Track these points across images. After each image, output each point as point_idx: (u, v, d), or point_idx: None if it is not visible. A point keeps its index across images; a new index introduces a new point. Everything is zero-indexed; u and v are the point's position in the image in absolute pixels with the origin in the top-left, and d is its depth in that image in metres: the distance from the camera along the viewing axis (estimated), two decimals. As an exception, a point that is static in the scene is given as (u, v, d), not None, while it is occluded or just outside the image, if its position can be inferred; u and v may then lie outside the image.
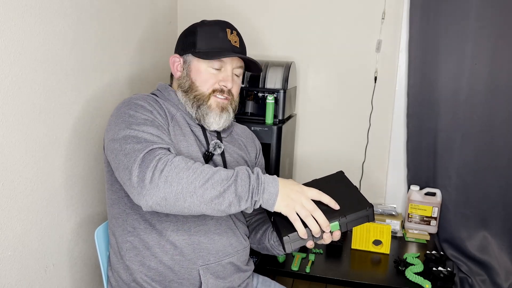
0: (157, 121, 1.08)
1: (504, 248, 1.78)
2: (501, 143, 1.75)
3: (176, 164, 0.94)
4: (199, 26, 1.20)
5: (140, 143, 0.99)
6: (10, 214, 1.12)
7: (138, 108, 1.08)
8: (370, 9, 1.92)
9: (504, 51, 1.69)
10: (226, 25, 1.21)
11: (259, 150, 1.40)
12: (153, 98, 1.15)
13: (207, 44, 1.18)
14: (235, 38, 1.21)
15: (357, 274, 1.57)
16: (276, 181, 0.97)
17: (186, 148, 1.13)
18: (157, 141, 1.00)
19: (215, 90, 1.18)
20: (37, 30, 1.16)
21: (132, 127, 1.03)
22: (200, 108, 1.17)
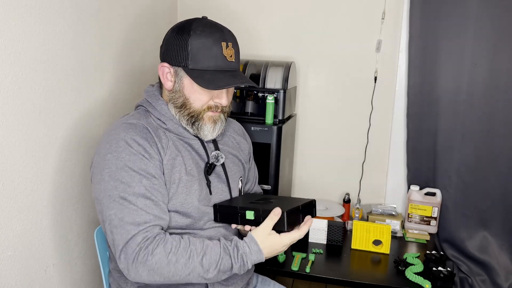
0: (149, 176, 1.03)
1: (504, 248, 1.78)
2: (501, 143, 1.75)
3: (156, 260, 0.97)
4: (191, 37, 1.07)
5: (123, 226, 0.98)
6: (10, 214, 1.12)
7: (131, 165, 1.02)
8: (370, 9, 1.92)
9: (504, 51, 1.69)
10: (221, 36, 1.09)
11: (251, 147, 1.38)
12: (144, 137, 1.06)
13: (201, 61, 1.07)
14: (230, 51, 1.10)
15: (357, 274, 1.57)
16: (260, 254, 1.05)
17: (185, 174, 1.10)
18: (141, 223, 0.99)
19: (210, 106, 1.13)
20: (37, 30, 1.16)
21: (124, 196, 1.00)
22: (195, 124, 1.13)
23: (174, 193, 1.08)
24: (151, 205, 1.01)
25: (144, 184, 1.02)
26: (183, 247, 1.00)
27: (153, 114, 1.14)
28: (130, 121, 1.09)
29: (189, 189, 1.10)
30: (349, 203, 2.02)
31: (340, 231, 1.75)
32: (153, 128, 1.10)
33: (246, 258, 1.04)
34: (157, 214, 1.02)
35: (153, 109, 1.14)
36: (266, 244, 1.06)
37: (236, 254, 1.03)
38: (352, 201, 2.05)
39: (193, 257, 1.00)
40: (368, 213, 1.92)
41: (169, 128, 1.12)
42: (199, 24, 1.09)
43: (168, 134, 1.12)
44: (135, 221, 0.99)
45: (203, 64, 1.07)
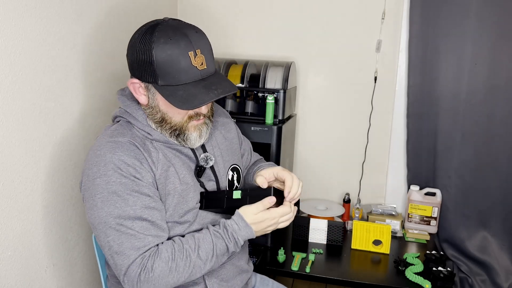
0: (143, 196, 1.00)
1: (504, 248, 1.78)
2: (501, 143, 1.75)
3: (157, 273, 0.98)
4: (154, 49, 0.97)
5: (123, 252, 0.97)
6: (10, 214, 1.12)
7: (123, 188, 0.98)
8: (370, 9, 1.92)
9: (504, 51, 1.69)
10: (187, 45, 0.98)
11: (235, 125, 1.34)
12: (133, 155, 1.01)
13: (170, 77, 0.99)
14: (200, 59, 1.00)
15: (357, 274, 1.57)
16: (249, 228, 1.07)
17: (179, 184, 1.07)
18: (141, 247, 0.98)
19: (191, 116, 1.06)
20: (37, 30, 1.16)
21: (119, 222, 0.98)
22: (180, 136, 1.07)
23: (170, 205, 1.06)
24: (148, 226, 1.00)
25: (139, 206, 0.99)
26: (178, 250, 1.00)
27: (135, 125, 1.08)
28: (116, 138, 1.02)
29: (185, 198, 1.08)
30: (349, 203, 2.02)
31: (340, 231, 1.75)
32: (140, 142, 1.04)
33: (236, 235, 1.05)
34: (155, 233, 1.01)
35: (134, 120, 1.08)
36: (254, 219, 1.06)
37: (227, 234, 1.05)
38: (352, 201, 2.05)
39: (190, 255, 1.01)
40: (368, 213, 1.92)
41: (155, 138, 1.07)
42: (161, 32, 0.98)
43: (156, 144, 1.07)
44: (134, 246, 0.97)
45: (174, 80, 0.99)
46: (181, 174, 1.08)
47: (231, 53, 2.05)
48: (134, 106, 1.09)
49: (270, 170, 1.19)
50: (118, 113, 1.12)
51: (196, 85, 1.00)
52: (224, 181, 1.21)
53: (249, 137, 1.67)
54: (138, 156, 1.01)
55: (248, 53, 2.04)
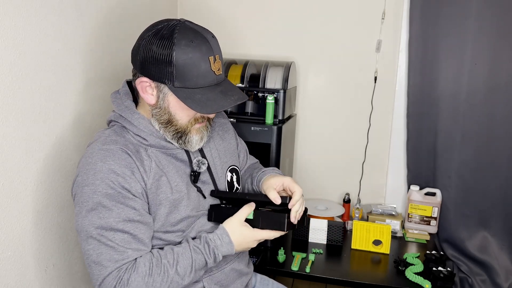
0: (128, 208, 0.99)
1: (504, 248, 1.78)
2: (501, 143, 1.75)
3: (134, 286, 0.96)
4: (176, 52, 0.97)
5: (100, 262, 0.97)
6: (10, 214, 1.12)
7: (109, 199, 0.97)
8: (370, 9, 1.92)
9: (504, 51, 1.69)
10: (208, 49, 1.00)
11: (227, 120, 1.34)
12: (124, 164, 0.99)
13: (188, 79, 0.99)
14: (218, 65, 1.02)
15: (357, 274, 1.57)
16: (231, 245, 1.07)
17: (171, 193, 1.06)
18: (119, 259, 0.97)
19: (196, 119, 1.07)
20: (37, 30, 1.16)
21: (100, 232, 0.97)
22: (181, 139, 1.07)
23: (162, 215, 1.04)
24: (129, 240, 0.98)
25: (122, 218, 0.97)
26: (156, 265, 0.99)
27: (131, 130, 1.06)
28: (108, 146, 1.01)
29: (177, 207, 1.06)
30: (349, 203, 2.02)
31: (340, 231, 1.75)
32: (133, 149, 1.03)
33: (217, 251, 1.04)
34: (136, 247, 0.99)
35: (130, 125, 1.06)
36: (237, 236, 1.07)
37: (208, 250, 1.04)
38: (352, 201, 2.05)
39: (168, 271, 0.99)
40: (368, 213, 1.92)
41: (150, 143, 1.06)
42: (182, 34, 0.98)
43: (150, 150, 1.05)
44: (112, 258, 0.96)
45: (191, 83, 0.99)
46: (174, 183, 1.07)
47: (231, 53, 2.05)
48: (130, 109, 1.07)
49: (280, 180, 1.17)
50: (113, 118, 1.09)
51: (213, 90, 1.01)
52: (223, 183, 1.20)
53: (249, 137, 1.68)
54: (130, 165, 1.00)
55: (248, 53, 2.04)
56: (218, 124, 1.26)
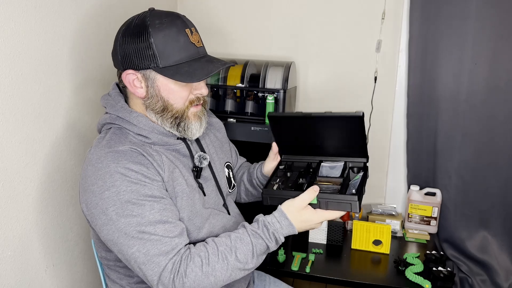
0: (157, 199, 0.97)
1: (504, 248, 1.78)
2: (501, 143, 1.75)
3: (192, 279, 0.93)
4: (153, 33, 0.97)
5: (151, 260, 0.92)
6: (10, 214, 1.12)
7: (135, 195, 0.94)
8: (370, 9, 1.92)
9: (504, 51, 1.69)
10: (182, 23, 1.00)
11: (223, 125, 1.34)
12: (138, 161, 0.97)
13: (171, 56, 0.98)
14: (196, 37, 1.03)
15: (357, 274, 1.57)
16: (292, 227, 1.03)
17: (186, 186, 1.05)
18: (169, 250, 0.94)
19: (192, 101, 1.06)
20: (37, 30, 1.16)
21: (141, 229, 0.93)
22: (180, 125, 1.05)
23: (180, 207, 1.03)
24: (171, 228, 0.96)
25: (157, 209, 0.95)
26: (212, 253, 0.96)
27: (131, 131, 1.03)
28: (115, 148, 0.98)
29: (193, 200, 1.05)
30: (349, 203, 2.02)
31: (340, 231, 1.75)
32: (141, 147, 1.00)
33: (277, 234, 1.01)
34: (179, 233, 0.97)
35: (129, 125, 1.03)
36: (298, 218, 1.02)
37: (268, 234, 1.00)
38: (352, 201, 2.05)
39: (227, 258, 0.96)
40: (368, 213, 1.92)
41: (153, 141, 1.04)
42: (153, 17, 1.00)
43: (156, 148, 1.04)
44: (162, 251, 0.93)
45: (175, 58, 0.99)
46: (185, 176, 1.06)
47: (231, 53, 2.05)
48: (126, 109, 1.05)
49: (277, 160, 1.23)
50: (108, 120, 1.06)
51: (198, 60, 1.01)
52: (222, 178, 1.20)
53: (249, 137, 1.68)
54: (143, 162, 0.97)
55: (248, 53, 2.04)
56: (210, 123, 1.26)
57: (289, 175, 1.18)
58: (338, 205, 1.02)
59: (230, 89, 1.80)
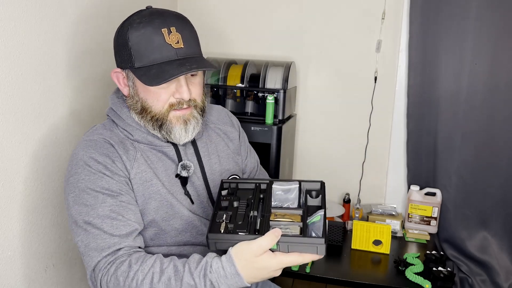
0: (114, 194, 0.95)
1: (504, 248, 1.78)
2: (501, 143, 1.75)
3: (113, 284, 0.89)
4: (129, 31, 0.96)
5: (88, 253, 0.92)
6: (10, 214, 1.12)
7: (92, 185, 0.94)
8: (370, 9, 1.92)
9: (504, 51, 1.69)
10: (161, 23, 0.95)
11: (239, 129, 1.25)
12: (105, 153, 0.97)
13: (145, 56, 0.95)
14: (175, 37, 0.95)
15: (357, 274, 1.57)
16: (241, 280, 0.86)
17: (162, 187, 1.01)
18: (104, 248, 0.91)
19: (172, 104, 0.99)
20: (37, 30, 1.16)
21: (88, 220, 0.93)
22: (162, 128, 1.00)
23: (152, 209, 1.00)
24: (119, 226, 0.93)
25: (108, 204, 0.93)
26: (142, 270, 0.88)
27: (119, 125, 1.04)
28: (91, 137, 1.00)
29: (170, 202, 1.02)
30: (349, 203, 2.02)
31: (340, 231, 1.75)
32: (118, 140, 1.00)
33: (218, 284, 0.85)
34: (127, 233, 0.94)
35: (118, 119, 1.04)
36: (252, 265, 0.85)
37: (204, 282, 0.85)
38: (352, 201, 2.05)
39: (153, 282, 0.87)
40: (368, 213, 1.92)
41: (136, 139, 1.02)
42: (138, 15, 0.98)
43: (137, 145, 1.02)
44: (99, 247, 0.91)
45: (148, 59, 0.95)
46: (164, 179, 1.02)
47: (231, 53, 2.05)
48: (120, 103, 1.06)
49: None
50: (107, 111, 1.09)
51: (171, 63, 0.95)
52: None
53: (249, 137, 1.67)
54: (111, 154, 0.97)
55: (248, 53, 2.04)
56: (224, 132, 1.20)
57: (235, 205, 0.98)
58: (302, 248, 0.86)
59: (230, 89, 1.80)
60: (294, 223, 0.92)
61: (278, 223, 0.91)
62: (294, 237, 0.87)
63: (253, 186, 1.05)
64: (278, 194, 1.03)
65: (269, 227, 0.90)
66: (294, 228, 0.90)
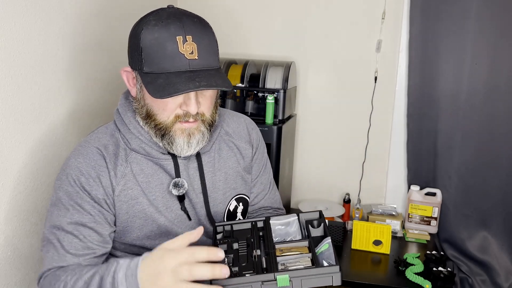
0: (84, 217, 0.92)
1: (504, 248, 1.78)
2: (501, 143, 1.75)
3: None
4: (143, 32, 0.89)
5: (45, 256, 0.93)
6: (10, 214, 1.12)
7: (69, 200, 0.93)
8: (370, 9, 1.92)
9: (504, 51, 1.70)
10: (177, 29, 0.88)
11: (258, 145, 1.16)
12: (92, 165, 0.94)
13: (155, 63, 0.88)
14: (190, 47, 0.88)
15: (357, 274, 1.57)
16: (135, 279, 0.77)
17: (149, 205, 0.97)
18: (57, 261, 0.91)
19: (178, 116, 0.93)
20: (37, 30, 1.16)
21: (55, 224, 0.93)
22: (165, 137, 0.95)
23: (137, 227, 0.97)
24: (77, 245, 0.91)
25: (75, 220, 0.92)
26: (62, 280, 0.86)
27: (121, 130, 0.99)
28: (86, 143, 0.98)
29: (156, 221, 0.97)
30: (349, 203, 2.02)
31: (340, 231, 1.75)
32: (112, 151, 0.97)
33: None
34: (82, 253, 0.91)
35: (121, 124, 1.00)
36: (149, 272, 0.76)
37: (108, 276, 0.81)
38: (352, 201, 2.05)
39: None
40: (368, 213, 1.92)
41: (134, 148, 0.98)
42: (156, 15, 0.90)
43: (134, 155, 0.98)
44: (53, 259, 0.91)
45: (158, 66, 0.88)
46: (152, 196, 0.98)
47: (231, 53, 2.04)
48: (127, 105, 1.00)
49: None
50: (114, 112, 1.04)
51: (180, 75, 0.87)
52: (221, 210, 1.05)
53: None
54: (98, 168, 0.94)
55: (248, 53, 2.04)
56: (238, 147, 1.11)
57: (235, 247, 0.91)
58: (316, 281, 0.79)
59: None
60: (303, 255, 0.85)
61: (286, 258, 0.84)
62: (308, 269, 0.79)
63: (249, 225, 0.98)
64: (278, 229, 0.97)
65: (277, 263, 0.82)
66: (305, 261, 0.83)
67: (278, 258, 0.84)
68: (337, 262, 0.81)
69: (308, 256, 0.84)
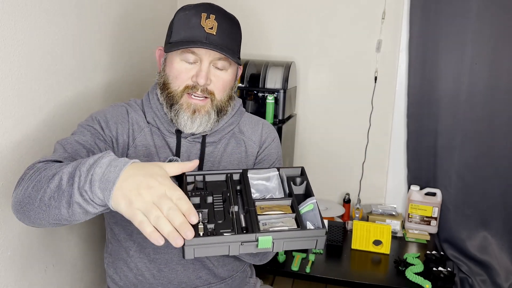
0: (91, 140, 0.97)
1: (504, 248, 1.78)
2: (501, 143, 1.75)
3: (28, 175, 0.83)
4: (178, 12, 1.03)
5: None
6: (10, 214, 1.12)
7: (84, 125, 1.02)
8: (370, 9, 1.92)
9: (504, 51, 1.69)
10: (203, 8, 0.99)
11: (265, 145, 1.15)
12: (115, 114, 1.05)
13: (178, 33, 0.99)
14: (211, 23, 0.98)
15: (357, 274, 1.57)
16: (119, 168, 0.70)
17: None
18: (46, 156, 0.89)
19: (187, 86, 0.99)
20: (38, 30, 1.16)
21: (66, 140, 0.96)
22: (173, 108, 1.00)
23: None
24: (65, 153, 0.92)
25: (84, 139, 0.96)
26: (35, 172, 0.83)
27: (144, 104, 1.09)
28: (118, 103, 1.11)
29: None
30: (349, 203, 2.02)
31: (340, 231, 1.75)
32: (135, 117, 1.07)
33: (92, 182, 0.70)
34: (64, 157, 0.90)
35: (146, 99, 1.10)
36: (144, 170, 0.70)
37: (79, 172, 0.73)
38: (352, 201, 2.05)
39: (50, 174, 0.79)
40: (368, 213, 1.92)
41: (149, 120, 1.07)
42: (195, 3, 1.03)
43: (148, 128, 1.06)
44: (46, 155, 0.93)
45: (180, 35, 0.99)
46: None
47: (231, 53, 2.04)
48: (154, 88, 1.10)
49: None
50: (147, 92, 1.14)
51: (195, 43, 0.97)
52: None
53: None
54: (121, 119, 1.05)
55: (248, 53, 2.04)
56: (246, 144, 1.12)
57: (209, 201, 0.80)
58: (300, 244, 0.74)
59: (230, 89, 1.79)
60: (287, 215, 0.78)
61: (269, 217, 0.77)
62: (292, 231, 0.73)
63: (223, 177, 0.87)
64: (257, 184, 0.87)
65: (259, 222, 0.74)
66: (289, 221, 0.76)
67: (259, 217, 0.76)
68: (323, 225, 0.76)
69: (292, 217, 0.77)
